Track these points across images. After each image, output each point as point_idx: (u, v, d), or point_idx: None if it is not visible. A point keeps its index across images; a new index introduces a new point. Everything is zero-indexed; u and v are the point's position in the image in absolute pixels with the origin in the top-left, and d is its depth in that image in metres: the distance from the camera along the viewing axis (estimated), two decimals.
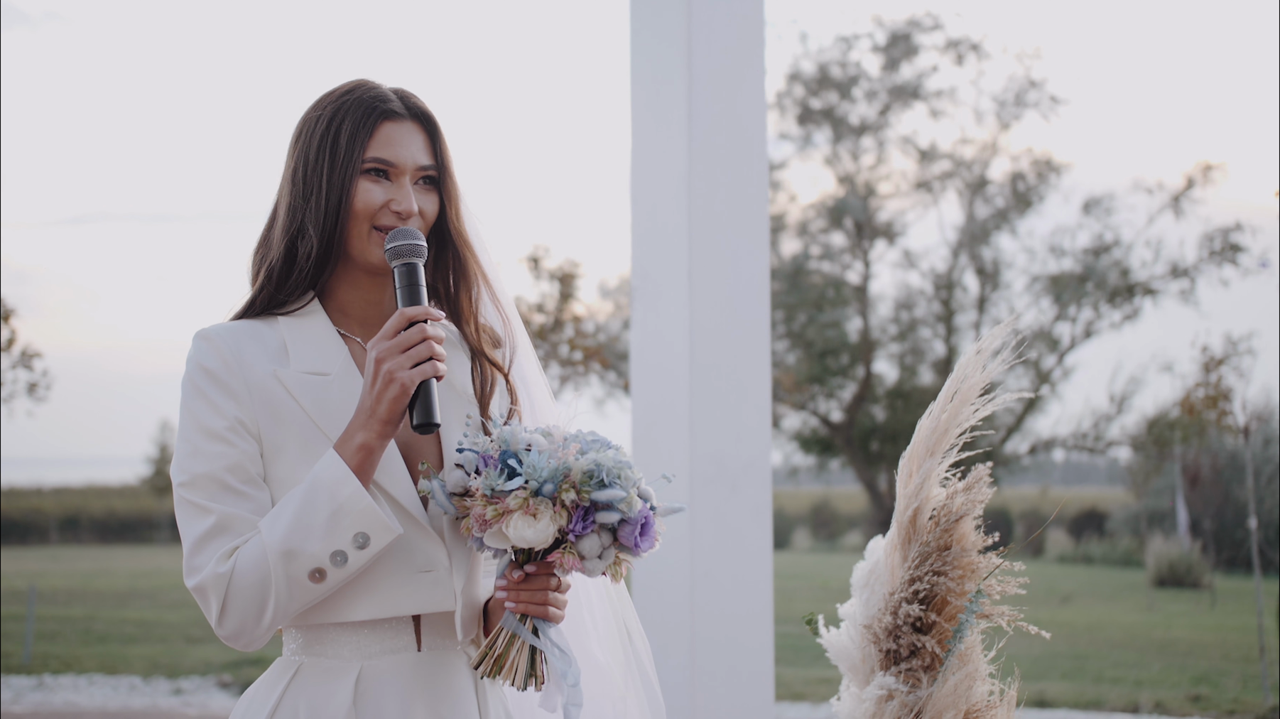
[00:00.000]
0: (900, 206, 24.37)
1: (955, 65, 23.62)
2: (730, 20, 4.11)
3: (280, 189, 2.17)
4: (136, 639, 13.54)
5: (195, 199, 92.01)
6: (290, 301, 2.14)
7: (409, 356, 1.99)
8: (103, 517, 32.42)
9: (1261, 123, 38.44)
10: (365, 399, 2.00)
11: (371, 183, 2.11)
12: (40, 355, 17.32)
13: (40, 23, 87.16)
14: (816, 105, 23.61)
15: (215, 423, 2.04)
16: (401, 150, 2.12)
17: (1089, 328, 23.78)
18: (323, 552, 1.97)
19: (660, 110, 4.17)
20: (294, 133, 2.16)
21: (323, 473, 1.99)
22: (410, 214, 2.11)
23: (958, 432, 2.70)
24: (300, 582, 1.98)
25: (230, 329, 2.11)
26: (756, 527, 4.04)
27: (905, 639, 2.61)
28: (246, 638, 2.02)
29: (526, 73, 58.15)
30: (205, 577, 1.98)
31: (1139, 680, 11.21)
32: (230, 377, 2.06)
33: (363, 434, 1.99)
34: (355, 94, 2.14)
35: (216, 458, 2.03)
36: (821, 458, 25.93)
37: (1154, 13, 47.17)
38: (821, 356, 23.85)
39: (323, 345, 2.12)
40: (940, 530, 2.63)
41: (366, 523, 1.98)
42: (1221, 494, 19.85)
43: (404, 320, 2.01)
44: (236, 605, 1.99)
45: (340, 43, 67.78)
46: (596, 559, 2.01)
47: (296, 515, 1.98)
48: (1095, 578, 21.60)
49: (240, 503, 2.02)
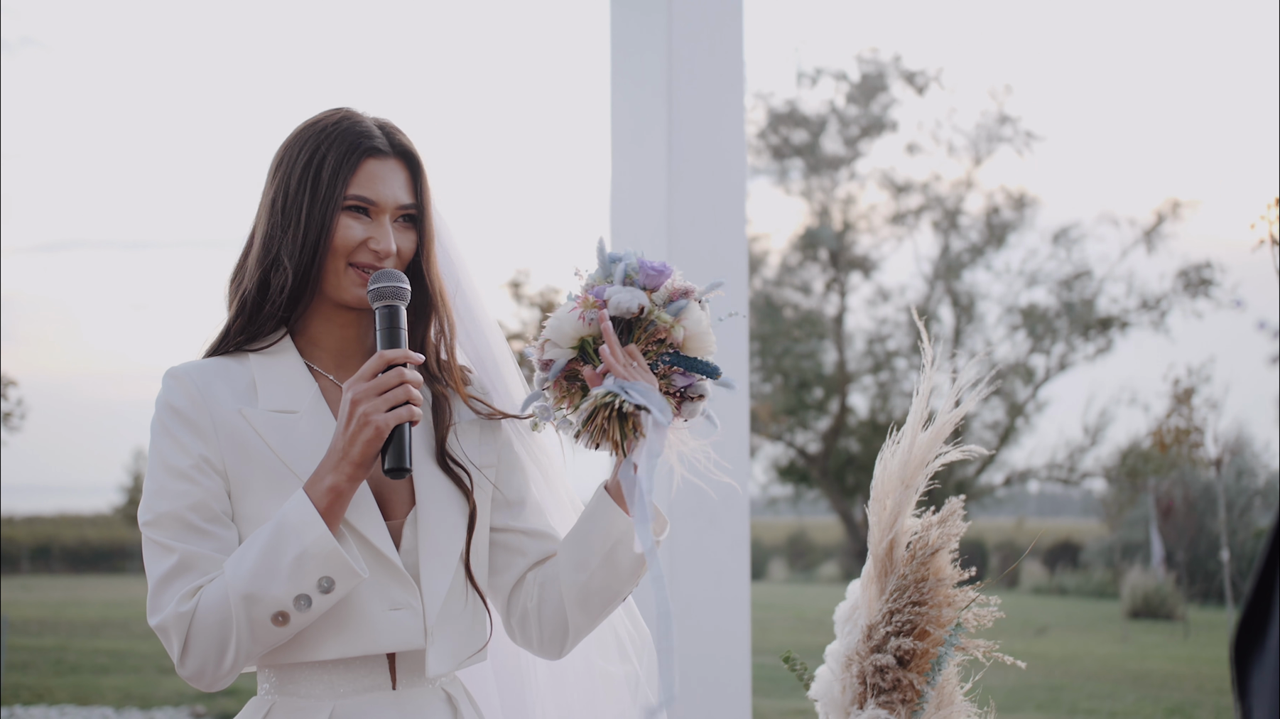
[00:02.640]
0: (874, 240, 24.52)
1: (922, 99, 23.82)
2: (711, 54, 4.16)
3: (257, 217, 2.15)
4: (109, 669, 13.44)
5: (172, 226, 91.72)
6: (262, 336, 2.12)
7: (385, 400, 1.97)
8: (75, 545, 32.16)
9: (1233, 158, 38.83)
10: (338, 440, 1.98)
11: (352, 219, 2.09)
12: (15, 384, 17.23)
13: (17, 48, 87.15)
14: (790, 140, 23.75)
15: (180, 461, 2.02)
16: (383, 189, 2.11)
17: (1063, 360, 23.94)
18: (286, 596, 1.95)
19: (640, 143, 4.21)
20: (274, 160, 2.14)
21: (290, 514, 1.97)
22: (389, 254, 2.09)
23: (930, 461, 2.73)
24: (263, 624, 1.96)
25: (199, 367, 2.10)
26: (735, 559, 4.07)
27: (887, 674, 2.63)
28: (209, 678, 1.99)
29: (508, 99, 58.28)
30: (167, 616, 1.97)
31: (1113, 712, 11.25)
32: (197, 414, 2.04)
33: (333, 476, 1.97)
34: (340, 127, 2.11)
35: (180, 496, 2.01)
36: (798, 488, 25.98)
37: (1125, 49, 47.63)
38: (797, 389, 23.92)
39: (292, 383, 2.10)
40: (916, 564, 2.65)
41: (332, 567, 1.96)
42: (1195, 526, 19.95)
43: (383, 363, 1.99)
44: (198, 646, 1.97)
45: (319, 69, 67.81)
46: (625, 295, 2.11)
47: (260, 558, 1.95)
48: (1070, 609, 21.66)
49: (204, 542, 2.00)
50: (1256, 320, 9.34)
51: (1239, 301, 16.87)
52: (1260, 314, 14.62)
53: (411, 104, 54.86)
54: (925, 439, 2.72)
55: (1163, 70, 49.26)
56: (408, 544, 2.10)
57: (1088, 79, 41.24)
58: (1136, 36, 48.04)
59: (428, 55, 71.83)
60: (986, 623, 2.67)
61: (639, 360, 2.10)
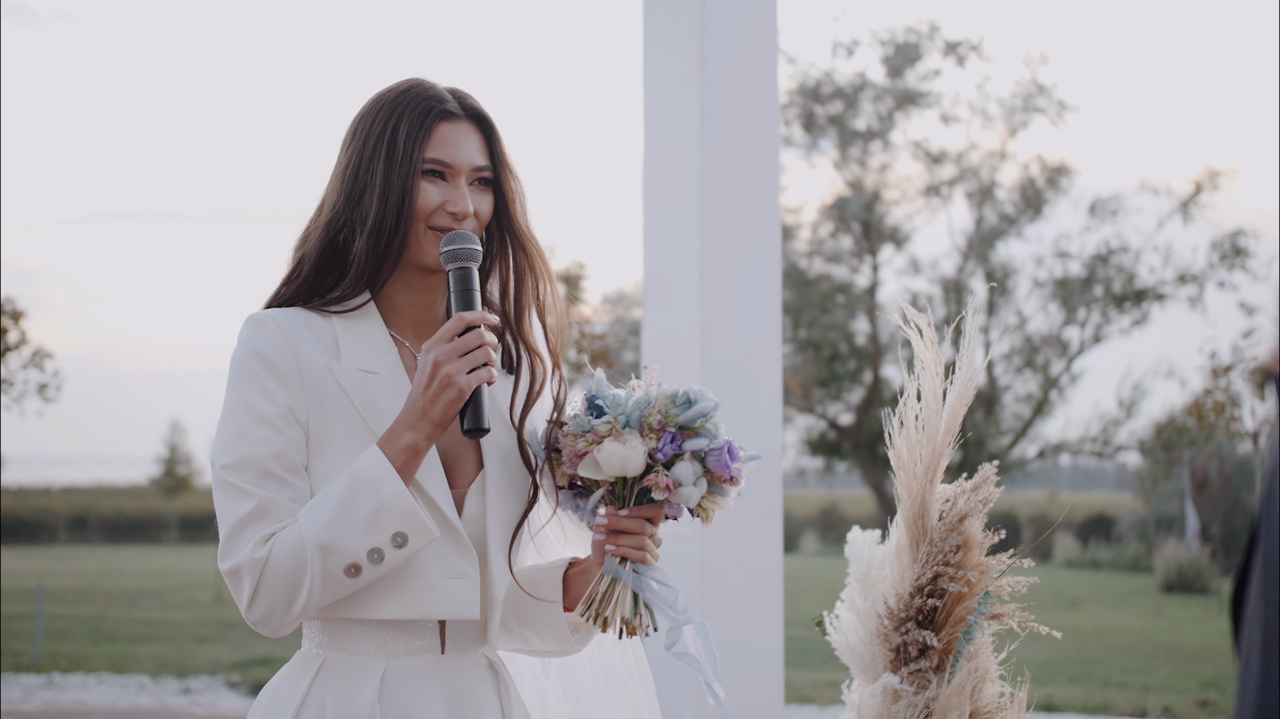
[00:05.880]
0: (908, 211, 24.37)
1: (959, 70, 23.62)
2: (743, 23, 4.13)
3: (329, 185, 2.16)
4: (145, 638, 13.58)
5: (205, 199, 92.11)
6: (340, 296, 2.13)
7: (467, 361, 1.99)
8: (111, 516, 32.48)
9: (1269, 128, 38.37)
10: (416, 400, 1.99)
11: (429, 183, 2.10)
12: (51, 356, 17.38)
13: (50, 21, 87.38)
14: (824, 112, 23.61)
15: (266, 408, 2.03)
16: (458, 151, 2.12)
17: (1098, 333, 23.77)
18: (361, 548, 1.97)
19: (672, 113, 4.18)
20: (348, 130, 2.16)
21: (366, 469, 1.98)
22: (466, 215, 2.11)
23: (957, 428, 2.71)
24: (335, 575, 1.98)
25: (286, 315, 2.10)
26: (767, 528, 4.06)
27: (914, 638, 2.62)
28: (274, 624, 2.01)
29: (535, 76, 58.21)
30: (241, 559, 1.98)
31: (1147, 685, 11.21)
32: (285, 364, 2.05)
33: (410, 434, 1.99)
34: (411, 93, 2.13)
35: (264, 443, 2.02)
36: (829, 461, 25.93)
37: (1158, 19, 47.10)
38: (829, 361, 23.85)
39: (374, 345, 2.12)
40: (947, 529, 2.64)
41: (407, 523, 1.98)
42: (1230, 499, 19.83)
43: (461, 324, 2.01)
44: (269, 592, 1.98)
45: (352, 44, 67.91)
46: (691, 487, 2.04)
47: (338, 509, 1.97)
48: (1103, 583, 21.57)
49: (282, 490, 2.02)
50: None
51: (1244, 304, 16.67)
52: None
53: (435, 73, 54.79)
54: (951, 404, 2.70)
55: (1196, 38, 48.70)
56: (473, 512, 2.12)
57: (1122, 47, 40.83)
58: (1171, 3, 47.49)
59: (459, 29, 71.79)
60: (1021, 589, 2.65)
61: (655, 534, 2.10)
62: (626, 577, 2.08)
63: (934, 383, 2.71)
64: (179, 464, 33.50)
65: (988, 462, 2.73)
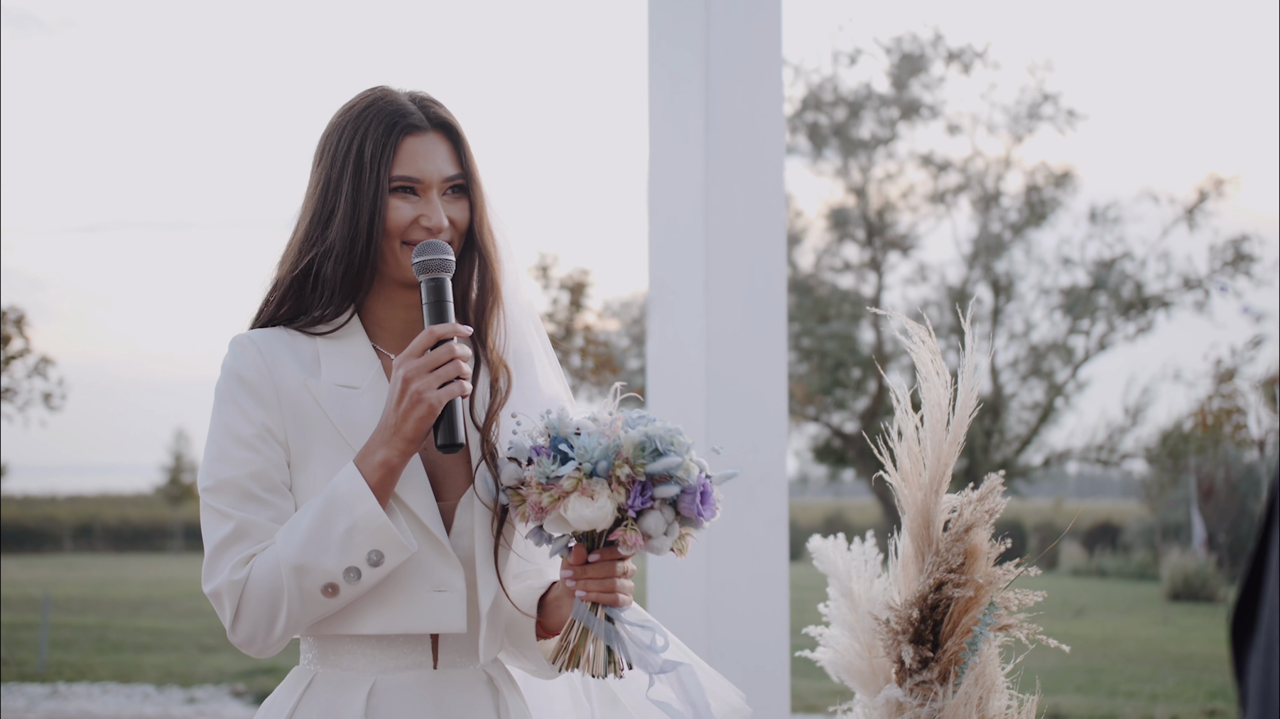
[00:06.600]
0: (912, 219, 24.36)
1: (963, 78, 23.61)
2: (748, 33, 4.13)
3: (303, 204, 2.15)
4: (150, 648, 13.57)
5: (211, 207, 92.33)
6: (321, 316, 2.11)
7: (437, 376, 1.97)
8: (116, 525, 32.47)
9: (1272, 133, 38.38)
10: (389, 416, 1.98)
11: (400, 200, 2.09)
12: (55, 364, 17.39)
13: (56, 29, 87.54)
14: (828, 120, 23.61)
15: (244, 429, 2.04)
16: (427, 164, 2.10)
17: (1103, 340, 23.73)
18: (336, 568, 1.97)
19: (677, 122, 4.18)
20: (317, 147, 2.14)
21: (341, 487, 1.98)
22: (441, 228, 2.09)
23: (962, 438, 2.69)
24: (313, 595, 1.98)
25: (266, 335, 2.10)
26: (773, 536, 4.05)
27: (922, 648, 2.60)
28: (259, 645, 2.02)
29: (538, 82, 58.26)
30: (220, 583, 1.99)
31: (1154, 694, 11.17)
32: (262, 384, 2.06)
33: (384, 451, 1.98)
34: (375, 108, 2.11)
35: (242, 464, 2.03)
36: (834, 469, 25.90)
37: (1162, 26, 47.10)
38: (834, 369, 23.83)
39: (355, 360, 2.11)
40: (952, 539, 2.62)
41: (381, 540, 1.97)
42: (1236, 507, 19.77)
43: (432, 338, 1.99)
44: (249, 614, 1.99)
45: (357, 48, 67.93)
46: (662, 536, 1.98)
47: (311, 529, 1.97)
48: (1109, 591, 21.52)
49: (261, 510, 2.02)
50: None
51: (1248, 310, 16.64)
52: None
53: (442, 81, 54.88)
54: (958, 415, 2.68)
55: (1199, 45, 48.69)
56: (462, 526, 2.10)
57: (1126, 54, 40.81)
58: (1176, 11, 47.50)
59: (462, 32, 71.86)
60: (1028, 601, 2.64)
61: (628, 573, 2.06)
62: (597, 626, 2.03)
63: (937, 393, 2.69)
64: (184, 472, 33.53)
65: (993, 470, 2.72)
